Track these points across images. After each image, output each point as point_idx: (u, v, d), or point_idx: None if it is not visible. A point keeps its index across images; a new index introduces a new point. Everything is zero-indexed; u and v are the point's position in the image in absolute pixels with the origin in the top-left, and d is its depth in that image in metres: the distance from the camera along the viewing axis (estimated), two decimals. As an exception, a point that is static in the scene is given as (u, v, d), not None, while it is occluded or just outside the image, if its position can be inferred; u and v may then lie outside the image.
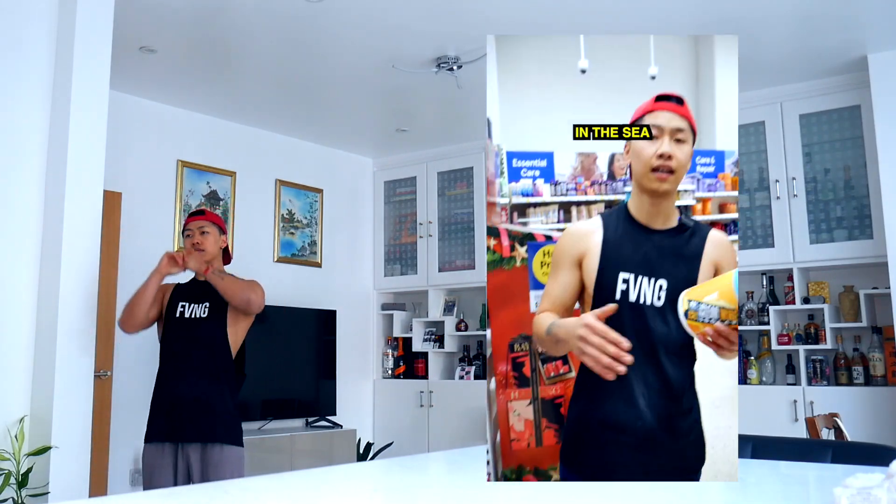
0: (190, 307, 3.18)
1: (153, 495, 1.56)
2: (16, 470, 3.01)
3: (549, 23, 4.12)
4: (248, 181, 5.78)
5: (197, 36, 4.26)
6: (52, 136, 3.36)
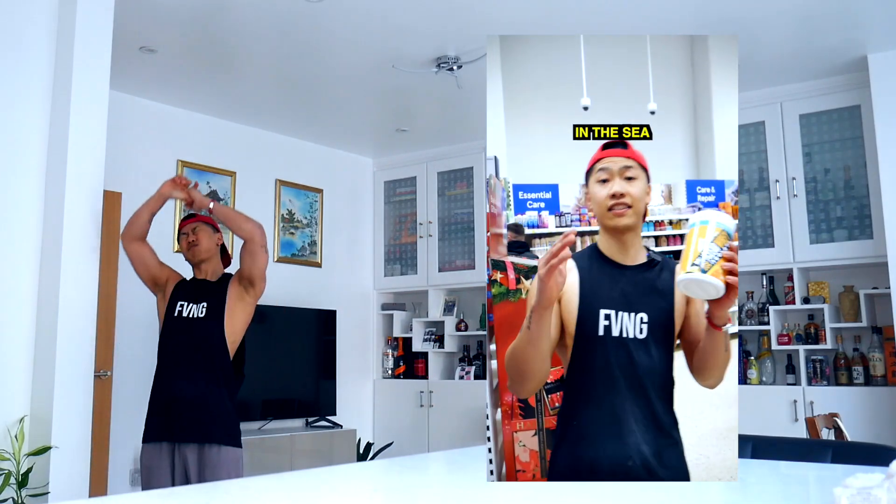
0: (188, 307, 3.17)
1: (153, 495, 1.56)
2: (16, 470, 3.01)
3: (548, 23, 4.12)
4: (248, 181, 5.78)
5: (197, 36, 4.26)
6: (52, 136, 3.36)
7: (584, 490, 1.56)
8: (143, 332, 4.86)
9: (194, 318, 3.15)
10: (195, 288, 3.23)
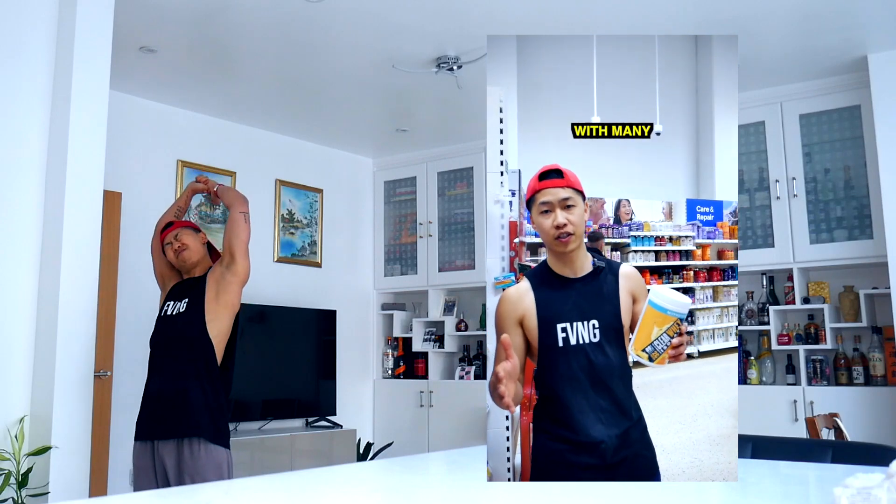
0: (174, 305, 3.13)
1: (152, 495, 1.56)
2: (16, 470, 3.01)
3: (548, 23, 4.12)
4: (248, 181, 5.78)
5: (197, 36, 4.26)
6: (52, 136, 3.36)
7: (585, 490, 1.57)
8: (143, 332, 4.84)
9: (175, 315, 3.09)
10: (182, 287, 3.19)
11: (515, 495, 1.55)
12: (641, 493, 1.52)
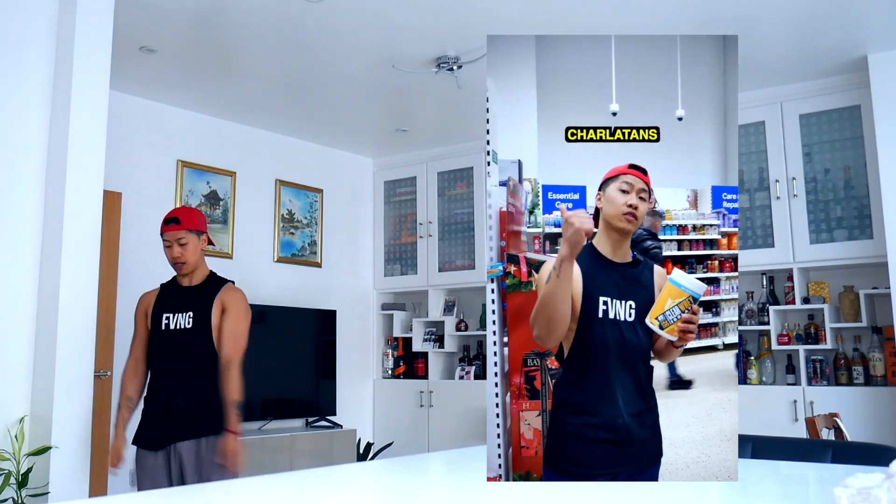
0: (175, 318, 3.10)
1: (152, 495, 1.56)
2: (16, 470, 3.01)
3: (548, 23, 4.12)
4: (248, 181, 5.78)
5: (197, 36, 4.26)
6: (52, 136, 3.36)
7: (584, 490, 1.57)
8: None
9: (182, 330, 3.08)
10: (180, 296, 3.15)
11: (515, 495, 1.55)
12: (641, 492, 1.52)
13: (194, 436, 3.00)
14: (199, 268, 3.17)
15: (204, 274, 3.19)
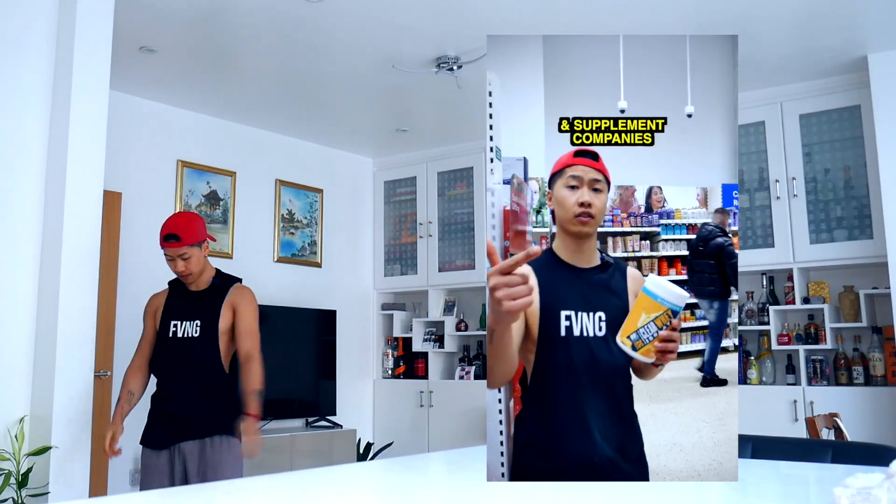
0: (182, 325, 3.10)
1: (153, 495, 1.56)
2: (16, 470, 3.01)
3: (548, 23, 4.12)
4: (248, 181, 5.78)
5: (197, 36, 4.26)
6: (52, 136, 3.36)
7: (584, 490, 1.56)
8: (143, 332, 4.85)
9: (188, 338, 3.08)
10: (187, 302, 3.15)
11: (515, 495, 1.55)
12: (642, 492, 1.52)
13: (199, 436, 3.02)
14: (204, 272, 3.17)
15: (210, 276, 3.19)
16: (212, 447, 3.01)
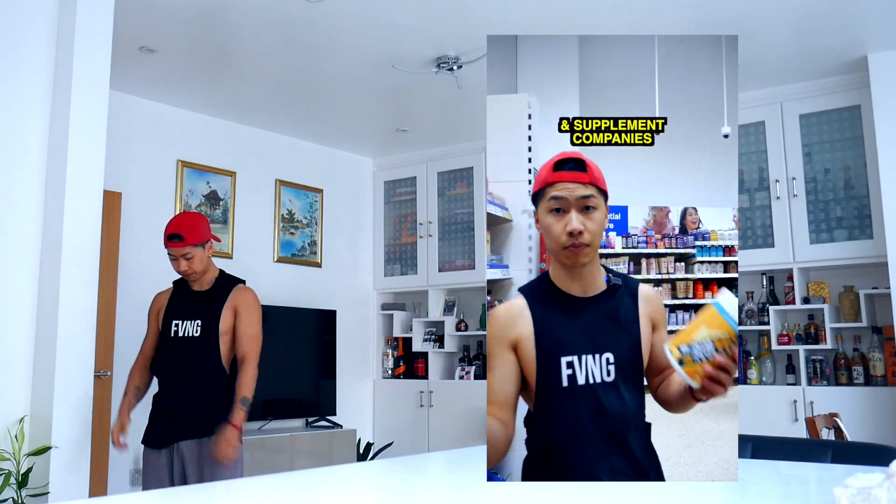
0: (183, 325, 3.12)
1: (152, 495, 1.56)
2: (16, 470, 3.01)
3: (548, 23, 4.12)
4: (248, 181, 5.78)
5: (197, 36, 4.26)
6: (52, 136, 3.36)
7: (584, 490, 1.56)
8: (142, 332, 4.85)
9: (189, 338, 3.10)
10: (190, 302, 3.16)
11: (515, 495, 1.55)
12: (642, 492, 1.52)
13: (197, 435, 3.04)
14: (207, 272, 3.18)
15: (213, 276, 3.21)
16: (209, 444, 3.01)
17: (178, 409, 3.08)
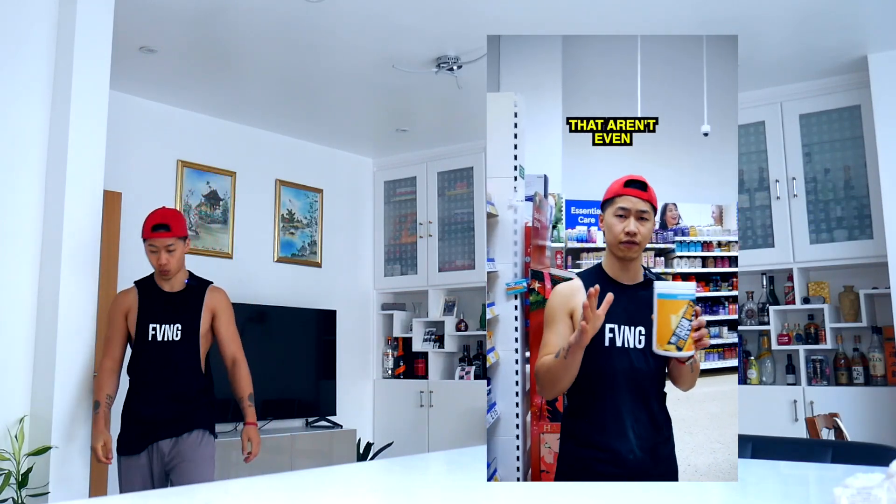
0: (161, 329, 3.08)
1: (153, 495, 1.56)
2: (16, 470, 3.01)
3: (548, 23, 4.12)
4: (248, 181, 5.78)
5: (197, 36, 4.26)
6: (52, 136, 3.36)
7: (585, 490, 1.57)
8: (143, 332, 4.85)
9: (169, 342, 3.08)
10: (165, 304, 3.13)
11: (515, 495, 1.55)
12: (642, 492, 1.52)
13: (175, 434, 3.06)
14: (180, 271, 3.17)
15: (184, 277, 3.20)
16: (187, 440, 3.04)
17: (155, 414, 3.06)
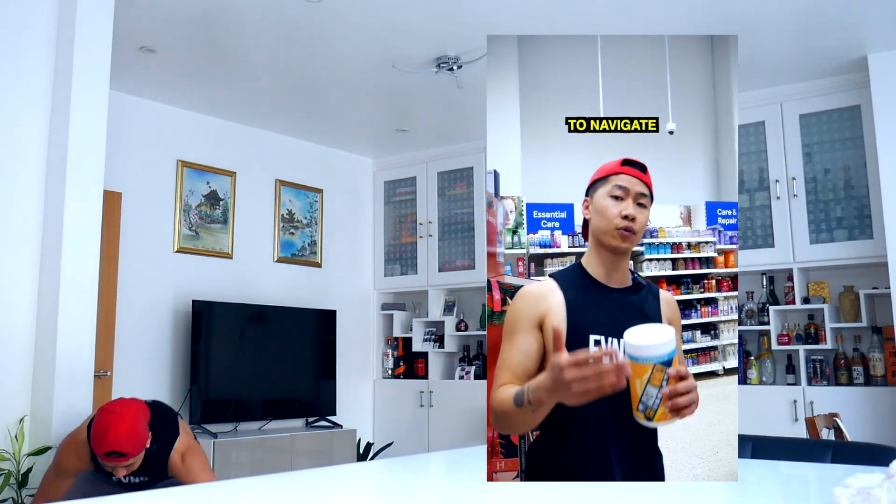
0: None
1: (153, 495, 1.56)
2: (16, 470, 3.01)
3: (548, 23, 4.12)
4: (248, 181, 5.78)
5: (197, 36, 4.26)
6: (52, 136, 3.36)
7: (585, 490, 1.56)
8: (143, 332, 4.86)
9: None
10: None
11: (515, 495, 1.55)
12: (642, 492, 1.52)
13: None
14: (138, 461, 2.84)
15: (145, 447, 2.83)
16: None
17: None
